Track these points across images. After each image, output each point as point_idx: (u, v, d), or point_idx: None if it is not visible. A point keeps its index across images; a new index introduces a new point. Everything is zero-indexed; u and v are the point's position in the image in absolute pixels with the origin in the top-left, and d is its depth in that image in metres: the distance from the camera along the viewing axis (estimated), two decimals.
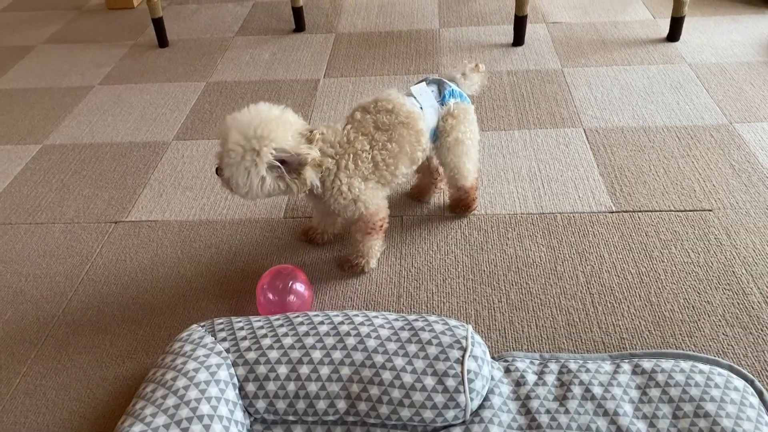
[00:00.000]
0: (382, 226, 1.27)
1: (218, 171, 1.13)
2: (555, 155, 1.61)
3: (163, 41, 2.34)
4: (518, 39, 2.15)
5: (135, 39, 2.44)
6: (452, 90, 1.28)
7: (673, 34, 2.10)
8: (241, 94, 2.00)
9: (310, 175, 1.12)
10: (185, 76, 2.14)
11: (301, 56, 2.20)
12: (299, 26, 2.38)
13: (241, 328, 1.05)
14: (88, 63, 2.29)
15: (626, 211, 1.42)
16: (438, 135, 1.28)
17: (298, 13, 2.35)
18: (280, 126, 1.08)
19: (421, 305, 1.24)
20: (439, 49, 2.17)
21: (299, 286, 1.20)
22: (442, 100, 1.26)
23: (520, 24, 2.12)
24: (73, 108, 2.01)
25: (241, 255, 1.38)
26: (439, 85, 1.28)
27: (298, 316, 1.06)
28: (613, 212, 1.42)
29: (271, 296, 1.19)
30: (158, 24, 2.30)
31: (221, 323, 1.08)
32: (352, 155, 1.16)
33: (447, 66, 2.07)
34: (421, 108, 1.23)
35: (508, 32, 2.23)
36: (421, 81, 1.29)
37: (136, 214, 1.53)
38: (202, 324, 1.09)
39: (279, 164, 1.08)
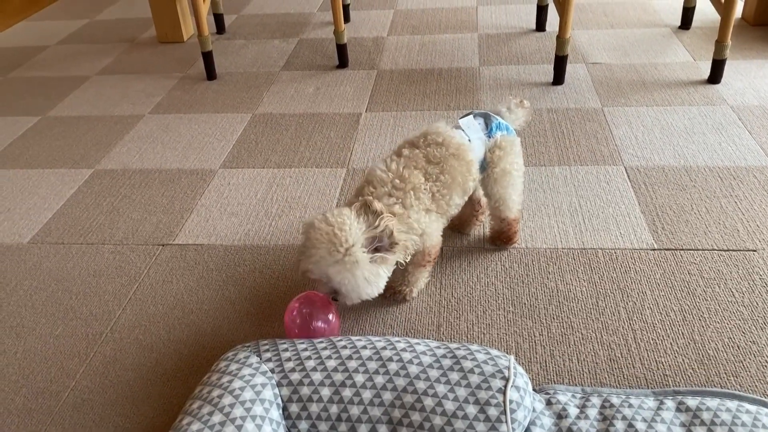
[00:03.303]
0: (434, 258, 1.29)
1: (335, 299, 1.16)
2: (596, 192, 1.62)
3: (211, 74, 2.43)
4: (558, 78, 2.18)
5: (184, 71, 2.53)
6: (499, 123, 1.30)
7: (715, 77, 2.11)
8: (286, 125, 2.05)
9: (405, 237, 1.13)
10: (232, 107, 2.21)
11: (344, 91, 2.26)
12: (342, 62, 2.44)
13: (286, 350, 1.07)
14: (140, 93, 2.38)
15: (668, 249, 1.41)
16: (485, 166, 1.30)
17: (341, 50, 2.42)
18: (344, 229, 1.09)
19: (461, 335, 1.24)
20: (479, 87, 2.21)
21: (327, 314, 1.21)
22: (489, 133, 1.29)
23: (560, 63, 2.15)
24: (124, 135, 2.09)
25: (284, 280, 1.41)
26: (486, 118, 1.30)
27: (341, 340, 1.08)
28: (654, 250, 1.42)
29: (299, 322, 1.19)
30: (207, 57, 2.39)
31: (266, 344, 1.10)
32: (412, 191, 1.18)
33: (487, 103, 2.10)
34: (469, 140, 1.26)
35: (548, 71, 2.26)
36: (468, 114, 1.32)
37: (183, 237, 1.57)
38: (247, 345, 1.11)
39: (375, 251, 1.11)
